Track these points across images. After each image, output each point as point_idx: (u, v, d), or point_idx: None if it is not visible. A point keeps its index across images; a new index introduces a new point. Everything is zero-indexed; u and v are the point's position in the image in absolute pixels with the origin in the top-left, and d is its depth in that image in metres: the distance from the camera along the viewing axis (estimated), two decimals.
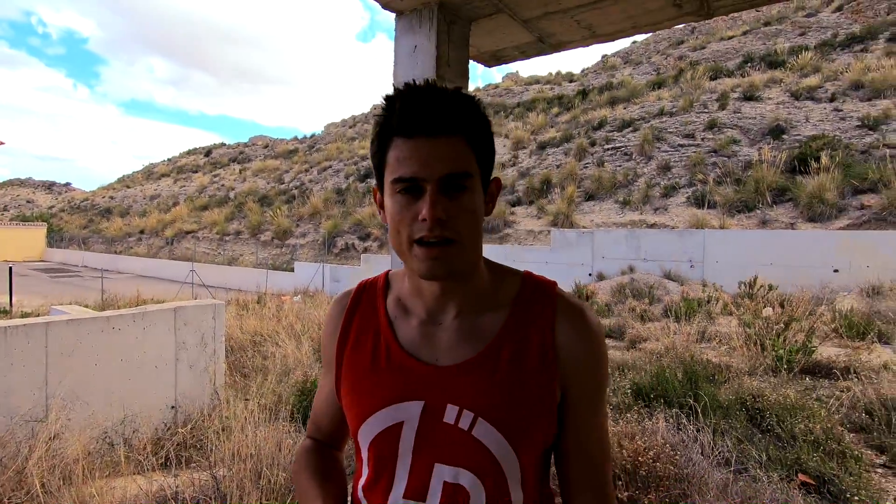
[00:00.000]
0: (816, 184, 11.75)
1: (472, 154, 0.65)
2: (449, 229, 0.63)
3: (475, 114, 0.66)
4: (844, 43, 19.92)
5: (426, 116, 0.63)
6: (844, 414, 3.64)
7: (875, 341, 5.79)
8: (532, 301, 0.71)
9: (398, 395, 0.69)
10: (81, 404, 3.54)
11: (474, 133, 0.66)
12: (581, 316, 0.70)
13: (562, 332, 0.69)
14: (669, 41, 29.81)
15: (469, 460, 0.65)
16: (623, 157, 17.24)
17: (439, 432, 0.67)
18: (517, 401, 0.66)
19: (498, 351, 0.68)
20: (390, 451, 0.68)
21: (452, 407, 0.66)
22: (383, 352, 0.72)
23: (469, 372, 0.67)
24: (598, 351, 0.70)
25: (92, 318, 3.74)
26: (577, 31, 2.76)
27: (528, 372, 0.67)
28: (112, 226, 33.56)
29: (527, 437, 0.67)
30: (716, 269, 10.96)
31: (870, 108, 14.64)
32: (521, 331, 0.69)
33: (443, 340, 0.70)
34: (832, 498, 2.60)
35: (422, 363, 0.69)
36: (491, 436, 0.65)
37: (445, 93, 0.65)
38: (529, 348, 0.68)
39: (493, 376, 0.67)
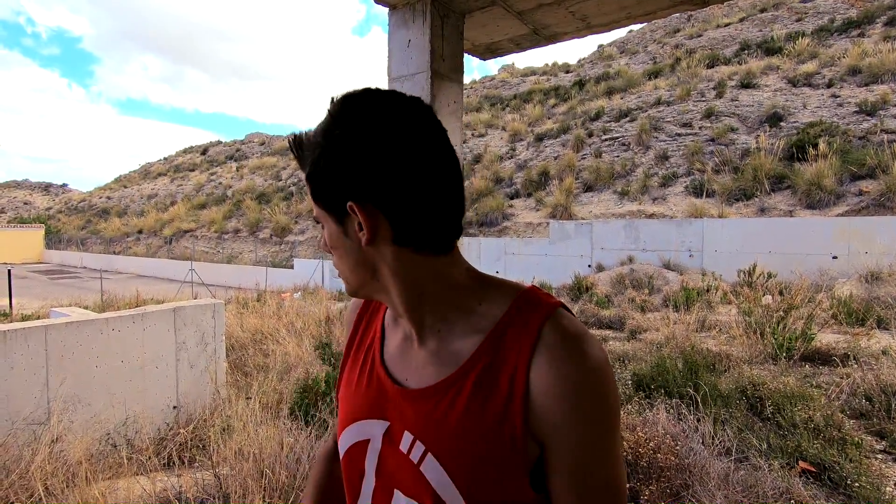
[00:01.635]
0: (814, 171, 11.74)
1: (309, 189, 0.62)
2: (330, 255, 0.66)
3: (311, 151, 0.60)
4: (841, 28, 19.82)
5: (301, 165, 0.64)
6: (844, 401, 3.66)
7: (874, 327, 5.81)
8: (516, 323, 0.59)
9: (368, 411, 0.67)
10: (83, 406, 3.55)
11: (309, 172, 0.61)
12: (567, 350, 0.56)
13: (538, 368, 0.56)
14: (665, 30, 29.65)
15: (420, 496, 0.59)
16: (621, 148, 17.20)
17: (395, 459, 0.63)
18: (471, 442, 0.57)
19: (462, 381, 0.59)
20: (359, 466, 0.67)
21: (408, 434, 0.62)
22: (369, 364, 0.70)
23: (429, 398, 0.61)
24: (592, 398, 0.55)
25: (91, 319, 3.74)
26: (572, 23, 2.74)
27: (492, 411, 0.56)
28: (110, 226, 33.51)
29: (481, 488, 0.56)
30: (715, 258, 10.97)
31: (867, 93, 14.59)
32: (494, 358, 0.58)
33: (415, 360, 0.65)
34: (833, 485, 2.61)
35: (393, 381, 0.66)
36: (437, 475, 0.58)
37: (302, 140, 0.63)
38: (498, 381, 0.57)
39: (451, 408, 0.59)
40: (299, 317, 7.54)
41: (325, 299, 10.50)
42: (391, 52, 2.61)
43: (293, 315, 7.70)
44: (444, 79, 2.54)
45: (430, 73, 2.45)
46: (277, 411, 3.56)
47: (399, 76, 2.57)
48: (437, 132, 0.61)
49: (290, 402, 3.83)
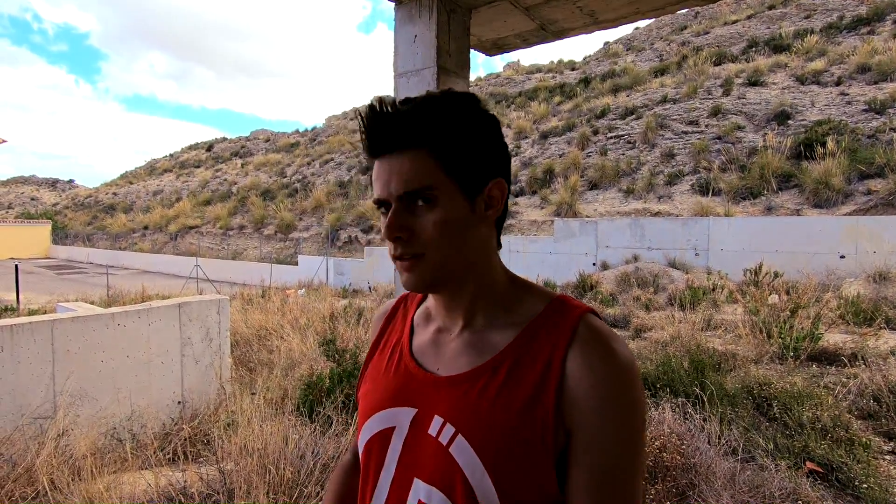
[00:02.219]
0: (822, 169, 11.64)
1: (436, 165, 0.62)
2: (413, 245, 0.63)
3: (441, 120, 0.62)
4: (850, 25, 19.62)
5: (384, 135, 0.62)
6: (852, 401, 3.63)
7: (882, 327, 5.76)
8: (551, 321, 0.63)
9: (396, 399, 0.69)
10: (89, 401, 3.56)
11: (440, 142, 0.62)
12: (603, 346, 0.59)
13: (573, 359, 0.59)
14: (672, 27, 29.45)
15: (443, 480, 0.61)
16: (626, 146, 17.11)
17: (422, 444, 0.64)
18: (501, 423, 0.59)
19: (497, 367, 0.63)
20: (379, 457, 0.68)
21: (438, 418, 0.64)
22: (397, 357, 0.73)
23: (461, 384, 0.64)
24: (621, 395, 0.57)
25: (97, 315, 3.75)
26: (580, 18, 2.72)
27: (524, 395, 0.59)
28: (116, 222, 33.67)
29: (508, 471, 0.58)
30: (721, 257, 10.91)
31: (877, 91, 14.45)
32: (527, 354, 0.62)
33: (449, 351, 0.68)
34: (840, 486, 2.59)
35: (423, 370, 0.69)
36: (467, 455, 0.59)
37: (407, 105, 0.62)
38: (532, 369, 0.60)
39: (484, 392, 0.62)
40: (303, 313, 7.56)
41: (330, 296, 10.52)
42: (397, 48, 2.60)
43: (297, 311, 7.72)
44: (451, 75, 2.52)
45: (437, 69, 2.44)
46: (282, 407, 3.56)
47: (405, 72, 2.55)
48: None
49: (294, 399, 3.83)
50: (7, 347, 3.23)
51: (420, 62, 2.50)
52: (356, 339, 5.56)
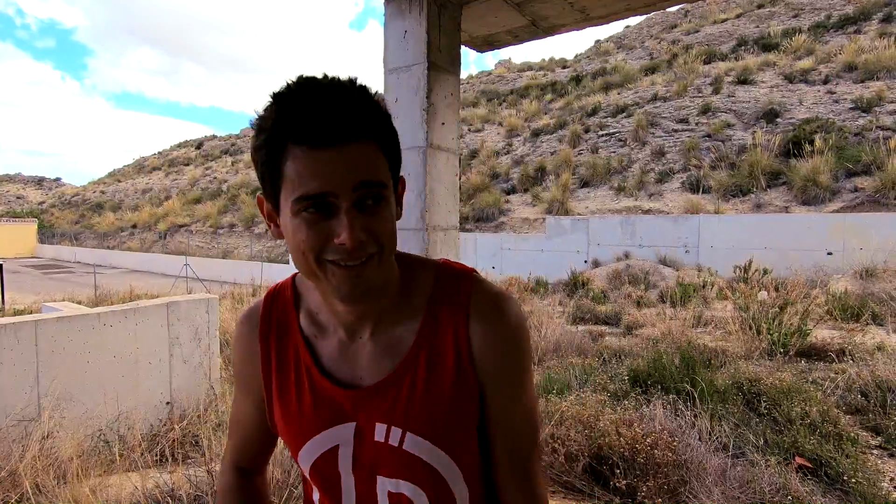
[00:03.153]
0: (810, 167, 11.77)
1: (385, 161, 0.58)
2: (370, 246, 0.57)
3: (383, 114, 0.58)
4: (838, 24, 19.84)
5: (334, 122, 0.53)
6: (840, 396, 3.66)
7: (869, 323, 5.83)
8: (445, 299, 0.67)
9: (327, 420, 0.67)
10: (75, 402, 3.51)
11: (385, 137, 0.59)
12: (495, 311, 0.66)
13: (475, 332, 0.65)
14: (663, 25, 29.60)
15: (406, 472, 0.66)
16: (617, 144, 17.19)
17: (373, 450, 0.66)
18: (439, 409, 0.65)
19: (415, 362, 0.65)
20: (332, 471, 0.68)
21: (381, 425, 0.65)
22: (305, 377, 0.69)
23: (389, 388, 0.65)
24: (517, 346, 0.67)
25: (82, 315, 3.69)
26: (571, 14, 2.70)
27: (446, 378, 0.65)
28: (104, 221, 33.28)
29: (456, 440, 0.67)
30: (711, 254, 10.99)
31: (863, 89, 14.62)
32: (436, 337, 0.66)
33: (363, 358, 0.67)
34: (829, 480, 2.61)
35: (344, 386, 0.67)
36: (421, 446, 0.65)
37: (351, 90, 0.56)
38: (445, 355, 0.65)
39: (413, 390, 0.65)
40: None
41: None
42: (387, 43, 2.57)
43: None
44: (441, 71, 2.50)
45: (427, 65, 2.41)
46: None
47: (395, 67, 2.52)
48: None
49: None
50: None
51: (410, 58, 2.48)
52: None
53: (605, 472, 2.58)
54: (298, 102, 0.54)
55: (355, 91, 0.56)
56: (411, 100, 2.45)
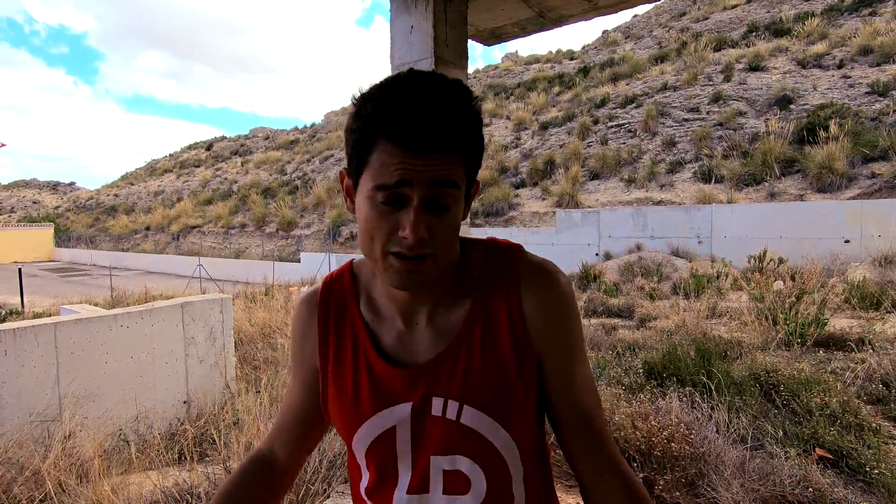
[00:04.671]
0: (825, 153, 11.55)
1: (463, 169, 0.61)
2: (428, 245, 0.60)
3: (473, 125, 0.61)
4: (852, 7, 19.40)
5: (426, 133, 0.57)
6: (860, 386, 3.60)
7: (889, 311, 5.72)
8: (495, 274, 0.70)
9: (383, 402, 0.68)
10: (94, 402, 3.57)
11: (469, 147, 0.62)
12: (546, 279, 0.69)
13: (528, 302, 0.67)
14: (671, 13, 29.17)
15: (462, 447, 0.66)
16: (627, 135, 17.01)
17: (432, 426, 0.67)
18: (496, 381, 0.66)
19: (469, 335, 0.67)
20: (389, 454, 0.69)
21: (437, 399, 0.66)
22: (362, 360, 0.70)
23: (444, 362, 0.67)
24: (568, 312, 0.69)
25: (100, 316, 3.75)
26: (578, 4, 2.67)
27: (502, 350, 0.67)
28: (118, 223, 33.75)
29: (513, 413, 0.67)
30: (724, 245, 10.86)
31: (879, 73, 14.30)
32: (489, 309, 0.68)
33: (420, 340, 0.69)
34: (851, 472, 2.57)
35: (401, 367, 0.68)
36: (479, 420, 0.66)
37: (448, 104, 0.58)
38: (499, 325, 0.67)
39: (470, 362, 0.66)
40: None
41: None
42: (393, 39, 2.56)
43: None
44: (449, 65, 2.49)
45: (434, 60, 2.40)
46: None
47: (402, 63, 2.51)
48: None
49: None
50: (11, 351, 3.23)
51: (417, 53, 2.47)
52: None
53: None
54: (399, 102, 0.58)
55: (453, 102, 0.59)
56: None
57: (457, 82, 0.61)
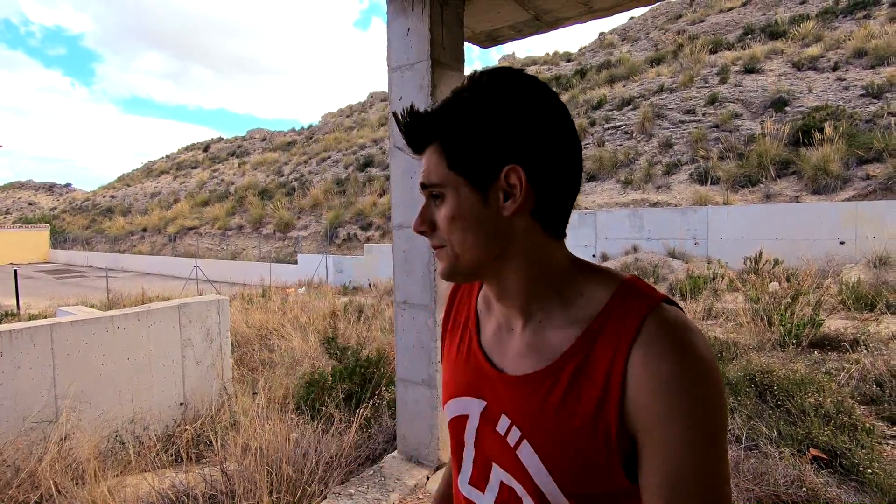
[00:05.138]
0: (820, 155, 11.61)
1: (442, 159, 0.62)
2: (436, 237, 0.65)
3: (453, 112, 0.61)
4: (846, 10, 19.52)
5: (411, 137, 0.64)
6: (854, 386, 3.62)
7: (883, 312, 5.76)
8: (615, 316, 0.59)
9: (466, 388, 0.71)
10: (90, 404, 3.56)
11: (447, 135, 0.61)
12: (666, 346, 0.54)
13: (635, 363, 0.55)
14: (667, 16, 29.29)
15: (514, 473, 0.63)
16: (623, 136, 17.06)
17: (492, 438, 0.66)
18: (566, 433, 0.58)
19: (560, 370, 0.60)
20: (460, 436, 0.72)
21: (505, 418, 0.64)
22: (466, 344, 0.74)
23: (525, 386, 0.62)
24: (679, 396, 0.53)
25: (96, 318, 3.74)
26: (574, 7, 2.69)
27: (587, 405, 0.57)
28: (114, 225, 33.63)
29: (575, 477, 0.58)
30: (720, 246, 10.90)
31: (874, 75, 14.39)
32: (591, 352, 0.58)
33: (512, 349, 0.67)
34: (844, 471, 2.59)
35: (491, 365, 0.68)
36: (532, 461, 0.60)
37: (425, 111, 0.64)
38: (594, 376, 0.57)
39: (547, 398, 0.60)
40: (304, 312, 7.55)
41: (330, 294, 10.51)
42: (390, 42, 2.57)
43: (298, 310, 7.71)
44: (445, 67, 2.50)
45: (431, 62, 2.41)
46: (284, 406, 3.56)
47: (399, 65, 2.53)
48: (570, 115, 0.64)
49: (296, 397, 3.83)
50: (6, 352, 3.22)
51: (414, 56, 2.48)
52: (357, 336, 5.55)
53: None
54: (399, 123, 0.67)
55: (427, 111, 0.63)
56: (416, 97, 2.45)
57: (487, 77, 0.62)
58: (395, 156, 2.59)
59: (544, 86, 0.62)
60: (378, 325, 6.30)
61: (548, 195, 0.61)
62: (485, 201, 0.61)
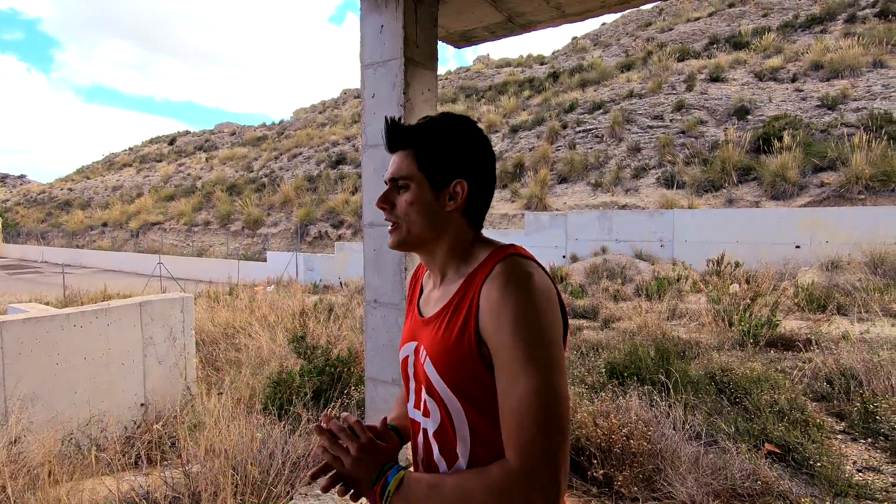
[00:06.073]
0: (779, 163, 12.10)
1: (413, 161, 0.88)
2: (392, 215, 0.91)
3: (427, 131, 0.89)
4: (805, 24, 20.41)
5: (392, 138, 0.91)
6: (807, 384, 3.79)
7: (834, 313, 6.05)
8: (484, 265, 0.85)
9: (408, 337, 0.97)
10: (43, 405, 3.41)
11: (421, 145, 0.89)
12: (499, 276, 0.79)
13: (483, 292, 0.81)
14: (638, 23, 29.99)
15: (426, 389, 0.88)
16: (594, 140, 17.39)
17: (418, 366, 0.90)
18: (447, 347, 0.83)
19: (448, 308, 0.86)
20: (406, 373, 0.97)
21: (422, 349, 0.89)
22: (412, 307, 1.01)
23: (431, 323, 0.90)
24: (506, 309, 0.76)
25: (51, 316, 3.58)
26: (547, 11, 2.72)
27: (460, 324, 0.83)
28: (72, 219, 32.23)
29: (455, 376, 0.82)
30: (685, 248, 11.23)
31: (829, 88, 15.09)
32: (467, 290, 0.85)
33: (432, 301, 0.94)
34: (796, 465, 2.71)
35: (420, 316, 0.95)
36: (431, 372, 0.85)
37: (408, 125, 0.92)
38: (465, 304, 0.83)
39: (439, 328, 0.86)
40: (273, 310, 7.41)
41: (300, 292, 10.34)
42: (363, 38, 2.55)
43: (266, 308, 7.56)
44: (419, 66, 2.50)
45: (404, 60, 2.41)
46: (250, 406, 3.49)
47: (372, 62, 2.51)
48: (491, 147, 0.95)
49: (263, 397, 3.76)
50: None
51: (387, 53, 2.47)
52: (327, 336, 5.48)
53: (584, 463, 2.63)
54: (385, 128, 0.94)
55: (407, 125, 0.92)
56: (388, 95, 2.44)
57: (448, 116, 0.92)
58: (367, 154, 2.57)
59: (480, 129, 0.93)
60: (349, 325, 6.23)
61: (476, 201, 0.91)
62: (436, 198, 0.89)
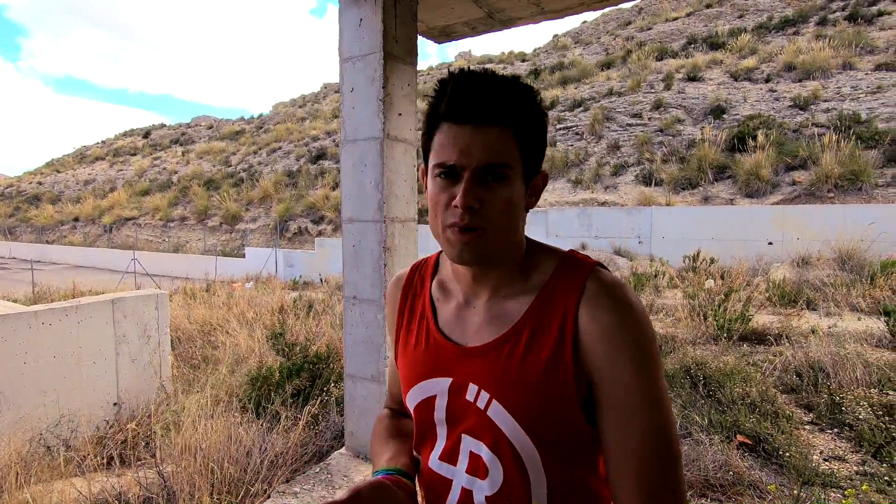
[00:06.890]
0: (753, 161, 12.39)
1: (516, 146, 0.66)
2: (480, 218, 0.65)
3: (528, 106, 0.66)
4: (779, 26, 20.89)
5: (475, 104, 0.64)
6: (777, 377, 3.90)
7: (804, 308, 6.23)
8: (561, 282, 0.69)
9: (431, 371, 0.75)
10: (9, 406, 3.30)
11: (523, 126, 0.66)
12: (608, 298, 0.65)
13: (583, 315, 0.65)
14: (618, 21, 30.32)
15: (486, 438, 0.69)
16: (574, 137, 17.55)
17: (463, 408, 0.71)
18: (529, 386, 0.66)
19: (518, 334, 0.68)
20: (429, 418, 0.76)
21: (473, 386, 0.70)
22: (424, 331, 0.78)
23: (488, 353, 0.70)
24: (623, 336, 0.63)
25: (18, 313, 3.47)
26: (527, 7, 2.73)
27: (545, 356, 0.66)
28: (42, 214, 31.23)
29: (541, 425, 0.66)
30: (662, 245, 11.43)
31: (801, 88, 15.49)
32: (544, 314, 0.68)
33: (473, 323, 0.74)
34: (767, 455, 2.79)
35: (452, 343, 0.74)
36: (503, 417, 0.67)
37: (500, 81, 0.66)
38: (549, 331, 0.66)
39: (509, 358, 0.68)
40: (251, 307, 7.31)
41: (279, 289, 10.22)
42: (342, 31, 2.52)
43: (244, 305, 7.46)
44: (398, 61, 2.48)
45: (383, 54, 2.39)
46: (227, 404, 3.44)
47: (350, 56, 2.48)
48: None
49: (240, 395, 3.71)
50: None
51: (366, 47, 2.44)
52: (307, 332, 5.43)
53: None
54: (451, 86, 0.66)
55: (501, 81, 0.65)
56: (367, 89, 2.42)
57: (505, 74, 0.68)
58: (346, 148, 2.54)
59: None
60: (328, 321, 6.18)
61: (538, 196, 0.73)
62: (526, 193, 0.70)
